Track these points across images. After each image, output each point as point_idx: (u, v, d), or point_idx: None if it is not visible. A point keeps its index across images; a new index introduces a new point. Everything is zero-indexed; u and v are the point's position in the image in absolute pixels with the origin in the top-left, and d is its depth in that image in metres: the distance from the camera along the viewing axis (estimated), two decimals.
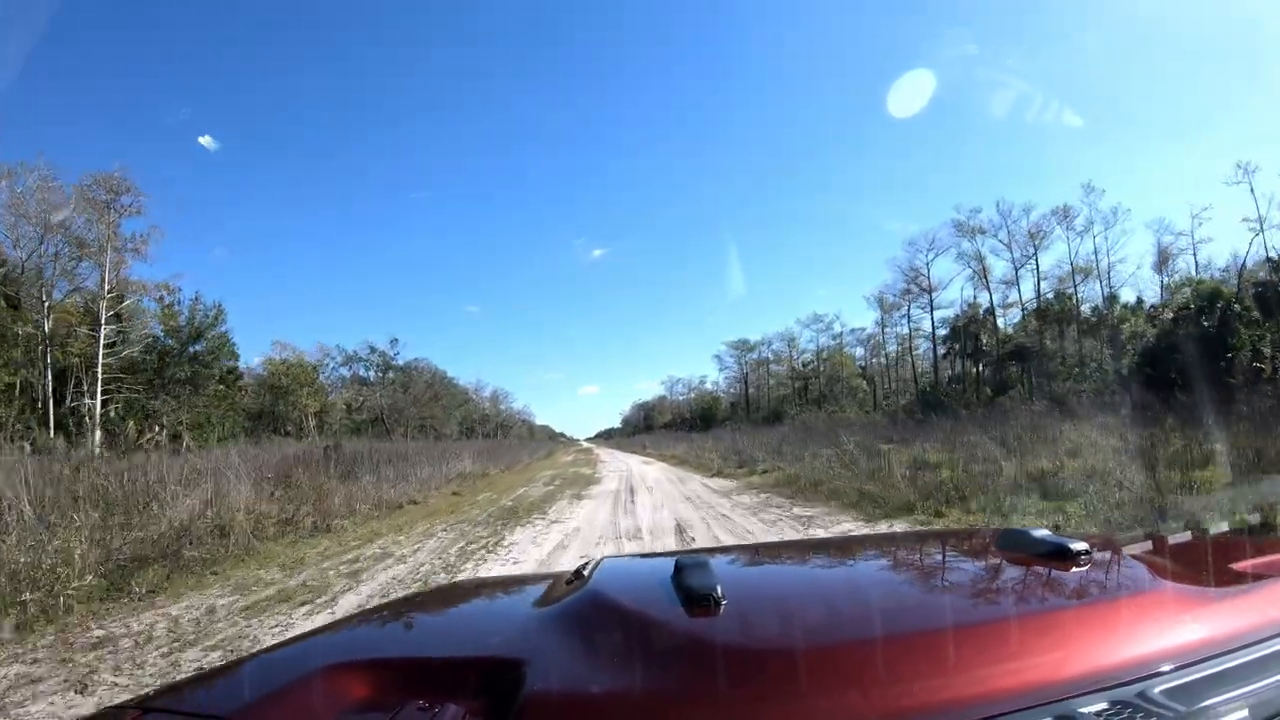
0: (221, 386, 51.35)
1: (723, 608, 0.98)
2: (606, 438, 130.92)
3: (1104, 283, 42.11)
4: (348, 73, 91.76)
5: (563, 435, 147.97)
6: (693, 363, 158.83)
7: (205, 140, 60.21)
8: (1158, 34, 57.01)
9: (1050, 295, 43.56)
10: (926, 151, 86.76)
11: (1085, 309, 43.43)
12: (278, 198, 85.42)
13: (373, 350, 63.24)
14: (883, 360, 68.12)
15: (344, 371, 62.58)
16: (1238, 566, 1.16)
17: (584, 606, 1.07)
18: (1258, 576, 1.09)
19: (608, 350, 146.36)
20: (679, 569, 1.09)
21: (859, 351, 70.19)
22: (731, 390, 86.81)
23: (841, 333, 67.20)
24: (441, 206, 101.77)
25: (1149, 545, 1.33)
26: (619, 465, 31.69)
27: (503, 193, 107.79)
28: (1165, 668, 0.80)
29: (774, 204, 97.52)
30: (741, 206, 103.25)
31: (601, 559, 1.37)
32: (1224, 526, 1.68)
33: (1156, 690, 0.76)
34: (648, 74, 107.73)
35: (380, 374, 63.91)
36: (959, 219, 46.76)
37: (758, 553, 2.10)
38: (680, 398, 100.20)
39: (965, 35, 72.90)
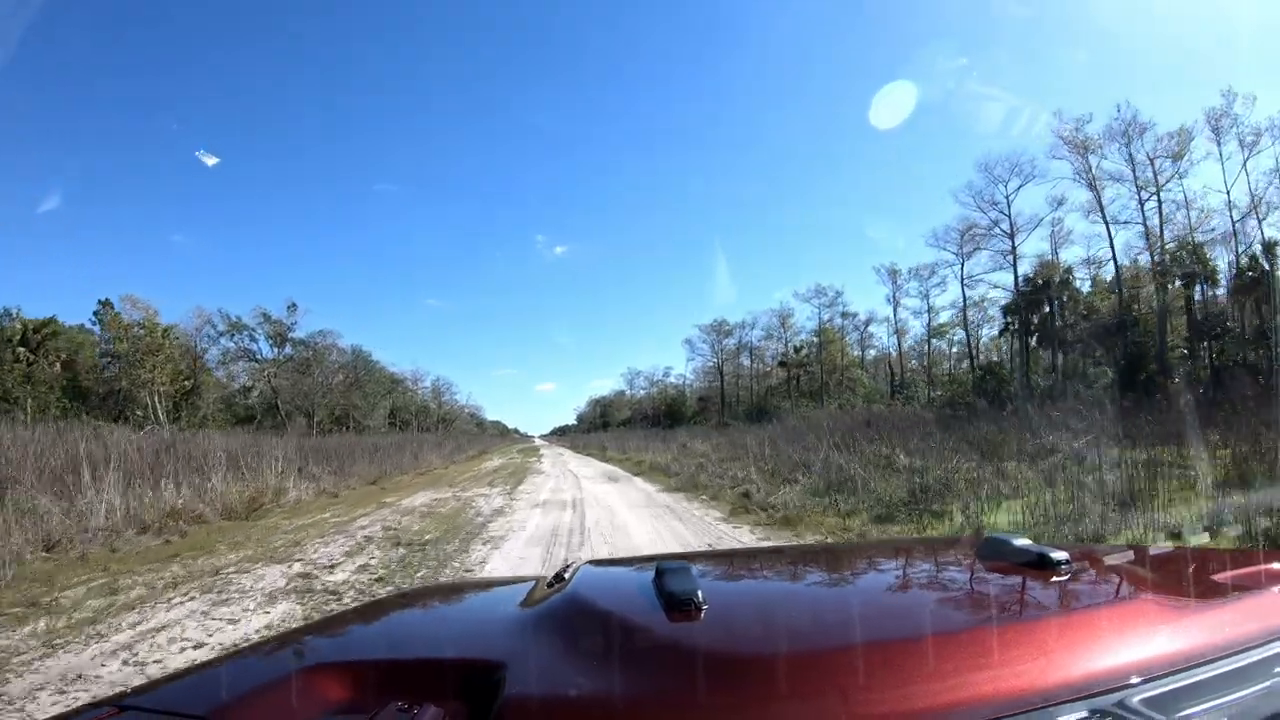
0: (22, 349, 35.59)
1: (704, 613, 0.93)
2: (561, 434, 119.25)
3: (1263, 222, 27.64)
4: (310, 64, 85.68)
5: (516, 431, 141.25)
6: (654, 361, 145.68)
7: (207, 158, 56.75)
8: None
9: (1173, 245, 29.28)
10: (911, 160, 78.97)
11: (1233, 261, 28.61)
12: (236, 182, 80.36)
13: (266, 318, 47.15)
14: (886, 344, 54.29)
15: (228, 343, 46.44)
16: (1218, 578, 1.12)
17: (565, 609, 1.02)
18: (1237, 588, 1.05)
19: (566, 348, 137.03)
20: (660, 574, 1.04)
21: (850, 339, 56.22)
22: (701, 383, 72.14)
23: (844, 310, 52.91)
24: (404, 199, 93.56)
25: (1129, 555, 1.25)
26: (564, 482, 16.97)
27: (465, 187, 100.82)
28: (1145, 677, 0.77)
29: (747, 209, 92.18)
30: (711, 210, 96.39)
31: (582, 563, 1.32)
32: (1205, 538, 1.68)
33: (1136, 700, 0.73)
34: (618, 75, 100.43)
35: (275, 348, 47.90)
36: (1061, 129, 31.59)
37: (740, 559, 2.01)
38: (641, 392, 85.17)
39: (954, 47, 69.41)
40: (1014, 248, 34.40)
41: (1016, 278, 34.61)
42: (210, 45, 76.97)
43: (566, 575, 1.20)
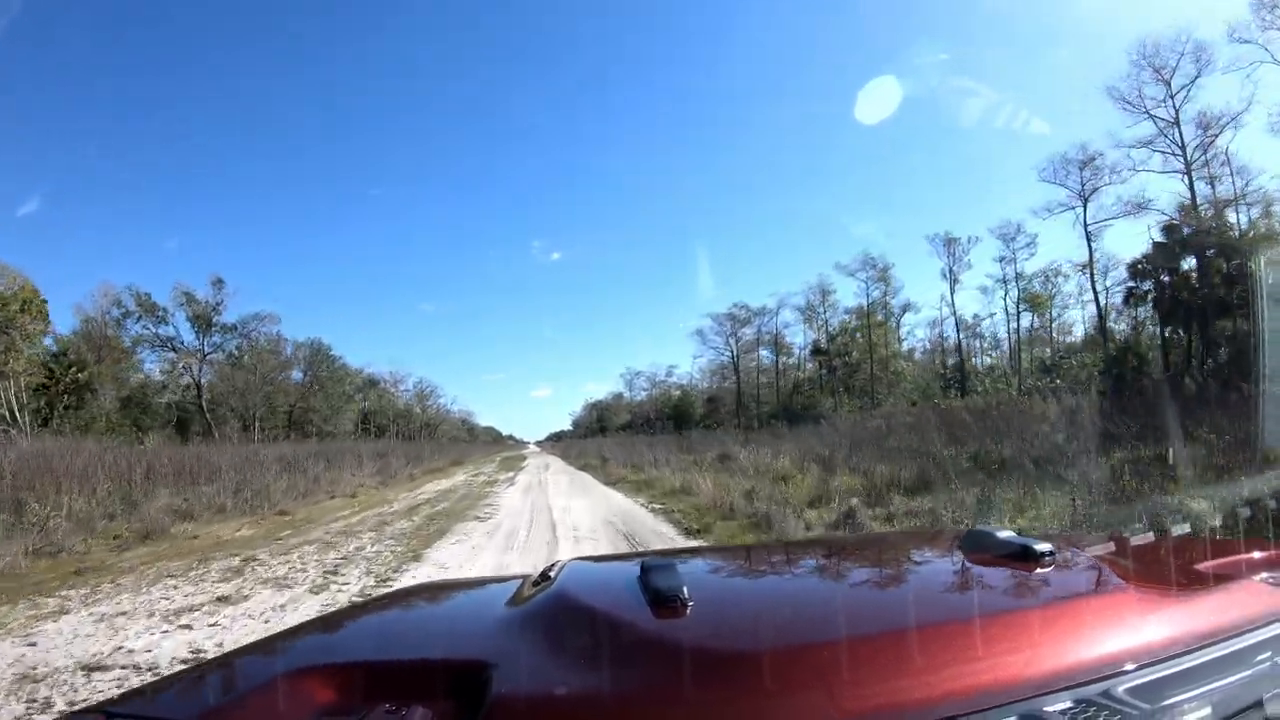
0: None
1: (689, 609, 0.92)
2: (556, 440, 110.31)
3: None
4: (299, 67, 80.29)
5: (511, 438, 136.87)
6: (654, 360, 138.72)
7: None
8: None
9: None
10: (897, 157, 74.97)
11: None
12: (230, 188, 72.38)
13: (188, 298, 36.67)
14: (922, 337, 44.21)
15: (135, 327, 36.00)
16: (1199, 567, 1.10)
17: (551, 608, 1.00)
18: (1219, 577, 1.04)
19: (562, 353, 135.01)
20: (646, 570, 1.01)
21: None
22: (709, 382, 61.98)
23: (889, 285, 42.50)
24: (399, 204, 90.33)
25: (1112, 546, 1.24)
26: (512, 564, 6.81)
27: (461, 193, 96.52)
28: (1129, 666, 0.77)
29: (742, 209, 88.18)
30: (706, 210, 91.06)
31: (568, 560, 1.29)
32: (1186, 528, 1.43)
33: (1120, 689, 0.73)
34: (611, 76, 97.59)
35: (200, 335, 37.36)
36: None
37: (724, 554, 1.92)
38: (642, 394, 74.90)
39: (937, 44, 67.14)
40: (1188, 165, 23.63)
41: (1195, 198, 23.75)
42: (210, 45, 73.12)
43: (553, 574, 1.16)
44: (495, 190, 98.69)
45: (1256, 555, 1.16)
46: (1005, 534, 1.16)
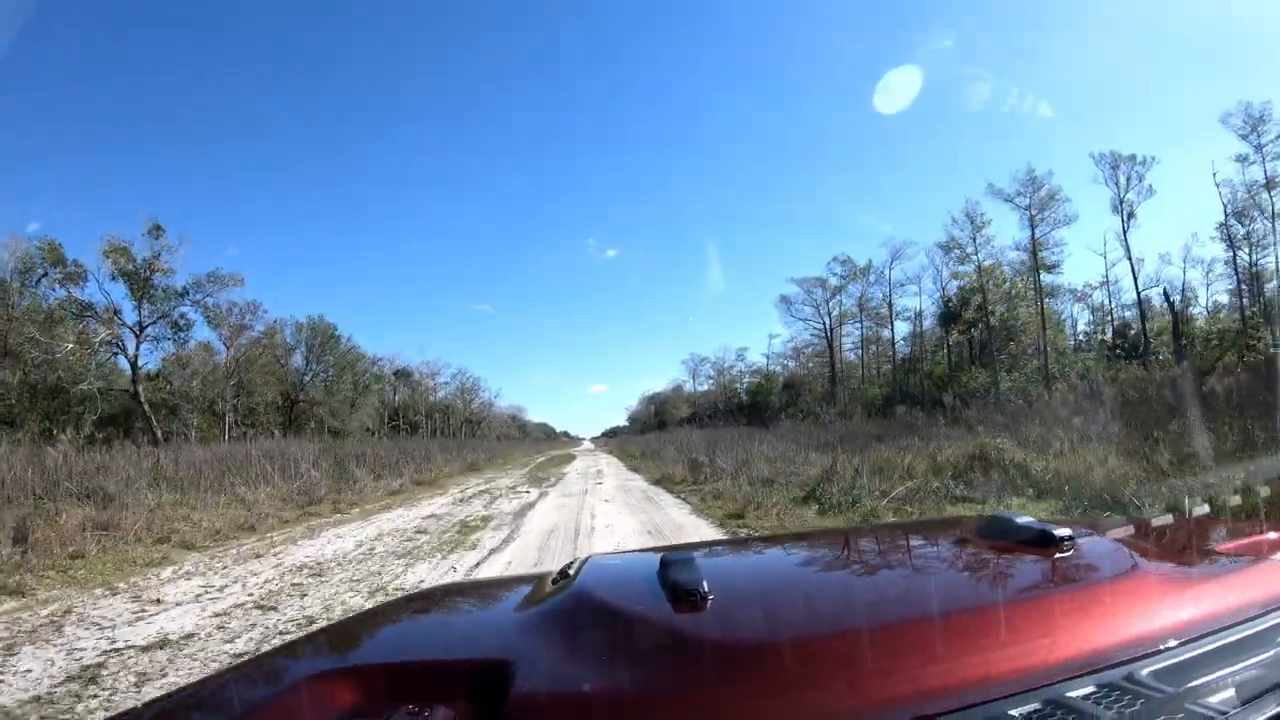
0: None
1: (709, 603, 0.91)
2: (612, 436, 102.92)
3: None
4: (358, 73, 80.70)
5: (565, 434, 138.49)
6: (720, 344, 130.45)
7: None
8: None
9: None
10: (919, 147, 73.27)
11: None
12: (282, 197, 73.70)
13: (120, 252, 26.63)
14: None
15: (48, 290, 26.40)
16: (1220, 548, 1.11)
17: (570, 605, 0.99)
18: (1241, 558, 1.04)
19: (618, 349, 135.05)
20: (665, 565, 1.01)
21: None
22: (786, 365, 50.72)
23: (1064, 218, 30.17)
24: (452, 207, 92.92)
25: (1131, 529, 1.22)
26: None
27: (513, 194, 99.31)
28: (1151, 649, 0.76)
29: (785, 200, 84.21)
30: (744, 204, 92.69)
31: (588, 557, 1.26)
32: (1205, 509, 1.36)
33: (1143, 672, 0.73)
34: (654, 75, 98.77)
35: (136, 304, 27.44)
36: None
37: (743, 547, 1.90)
38: (707, 383, 64.07)
39: (943, 32, 68.38)
40: None
41: None
42: (210, 45, 73.01)
43: (571, 571, 1.16)
44: (550, 193, 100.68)
45: (1276, 535, 1.14)
46: (1025, 519, 1.15)
